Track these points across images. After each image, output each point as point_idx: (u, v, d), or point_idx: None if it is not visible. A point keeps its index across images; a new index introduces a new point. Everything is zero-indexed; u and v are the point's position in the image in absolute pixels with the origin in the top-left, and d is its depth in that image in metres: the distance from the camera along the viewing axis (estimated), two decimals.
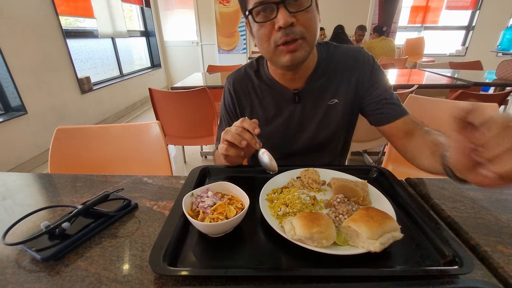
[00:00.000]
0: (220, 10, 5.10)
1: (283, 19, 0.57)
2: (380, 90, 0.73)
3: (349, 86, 0.74)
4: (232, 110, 0.82)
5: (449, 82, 2.21)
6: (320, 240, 0.42)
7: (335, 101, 0.75)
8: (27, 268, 0.42)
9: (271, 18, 0.59)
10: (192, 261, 0.43)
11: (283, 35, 0.59)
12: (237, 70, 0.83)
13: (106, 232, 0.50)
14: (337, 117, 0.76)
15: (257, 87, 0.79)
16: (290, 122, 0.78)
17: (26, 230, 0.51)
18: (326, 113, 0.76)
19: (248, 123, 0.57)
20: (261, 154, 0.59)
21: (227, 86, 0.82)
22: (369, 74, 0.73)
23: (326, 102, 0.75)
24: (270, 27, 0.60)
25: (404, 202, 0.55)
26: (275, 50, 0.63)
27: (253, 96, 0.79)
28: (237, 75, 0.81)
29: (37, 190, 0.66)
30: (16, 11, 2.37)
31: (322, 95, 0.75)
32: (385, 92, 0.73)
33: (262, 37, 0.63)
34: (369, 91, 0.74)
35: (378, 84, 0.73)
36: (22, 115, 2.40)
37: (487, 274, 0.41)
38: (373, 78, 0.73)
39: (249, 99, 0.80)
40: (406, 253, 0.44)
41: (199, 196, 0.52)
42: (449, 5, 5.27)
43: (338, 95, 0.75)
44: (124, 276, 0.41)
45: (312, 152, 0.81)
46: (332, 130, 0.77)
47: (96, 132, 0.99)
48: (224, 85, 0.84)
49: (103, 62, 3.94)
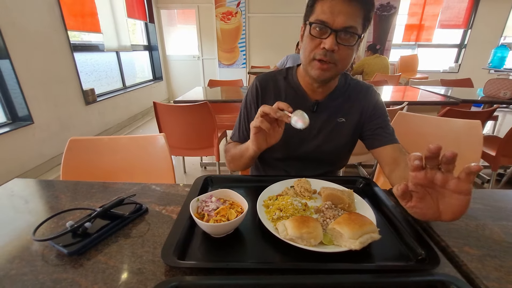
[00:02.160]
0: (221, 27, 5.31)
1: (330, 44, 0.69)
2: (378, 120, 0.86)
3: (356, 112, 0.87)
4: (255, 104, 0.90)
5: (439, 99, 2.31)
6: (309, 240, 0.49)
7: (343, 120, 0.87)
8: (54, 262, 0.49)
9: (322, 37, 0.70)
10: (198, 256, 0.49)
11: (322, 54, 0.71)
12: (266, 73, 0.93)
13: (121, 232, 0.57)
14: (342, 135, 0.87)
15: (283, 89, 0.89)
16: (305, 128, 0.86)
17: (49, 229, 0.58)
18: (334, 128, 0.87)
19: (283, 103, 0.65)
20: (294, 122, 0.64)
21: (255, 82, 0.91)
22: (372, 106, 0.87)
23: (336, 119, 0.87)
24: (317, 43, 0.72)
25: (385, 209, 0.63)
26: (311, 61, 0.75)
27: (277, 96, 0.89)
28: (266, 76, 0.92)
29: (56, 195, 0.72)
30: (28, 25, 2.50)
31: (334, 112, 0.87)
32: (382, 122, 0.85)
33: (307, 46, 0.74)
34: (369, 119, 0.86)
35: (378, 115, 0.86)
36: (29, 124, 2.48)
37: (453, 270, 0.48)
38: (375, 110, 0.87)
39: (273, 97, 0.89)
40: (384, 252, 0.51)
41: (204, 201, 0.59)
42: (442, 24, 5.51)
43: (346, 116, 0.87)
44: (139, 268, 0.47)
45: (314, 160, 0.89)
46: (336, 145, 0.88)
47: (106, 143, 1.07)
48: (251, 82, 0.93)
49: (107, 75, 4.07)
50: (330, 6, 0.68)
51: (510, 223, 0.61)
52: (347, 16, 0.67)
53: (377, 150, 0.84)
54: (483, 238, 0.55)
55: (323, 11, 0.68)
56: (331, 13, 0.67)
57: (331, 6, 0.68)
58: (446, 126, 1.24)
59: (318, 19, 0.69)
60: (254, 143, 0.70)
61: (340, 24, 0.67)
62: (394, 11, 5.17)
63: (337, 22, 0.67)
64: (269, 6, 5.18)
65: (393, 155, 0.80)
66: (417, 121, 1.30)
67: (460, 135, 1.20)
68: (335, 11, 0.67)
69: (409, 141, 1.14)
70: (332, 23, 0.68)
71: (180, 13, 5.59)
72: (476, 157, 1.15)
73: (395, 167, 0.76)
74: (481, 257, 0.50)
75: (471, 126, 1.17)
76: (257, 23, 5.33)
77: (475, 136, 1.16)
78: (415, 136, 1.26)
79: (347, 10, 0.67)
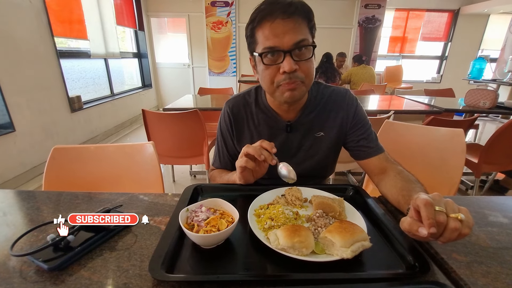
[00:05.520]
0: (212, 36, 5.35)
1: (288, 66, 0.66)
2: (361, 131, 0.84)
3: (334, 123, 0.84)
4: (230, 131, 0.89)
5: (423, 108, 2.40)
6: (301, 249, 0.48)
7: (321, 134, 0.85)
8: (32, 278, 0.46)
9: (278, 63, 0.68)
10: (188, 269, 0.48)
11: (286, 78, 0.69)
12: (236, 96, 0.91)
13: (106, 245, 0.54)
14: (322, 148, 0.86)
15: (254, 113, 0.87)
16: (281, 149, 0.84)
17: (28, 243, 0.55)
18: (313, 144, 0.85)
19: (267, 143, 0.65)
20: (280, 168, 0.68)
21: (226, 109, 0.89)
22: (352, 114, 0.84)
23: (314, 135, 0.85)
24: (275, 70, 0.69)
25: (375, 217, 0.63)
26: (277, 89, 0.72)
27: (249, 121, 0.87)
28: (236, 100, 0.89)
29: (37, 206, 0.69)
30: (13, 31, 2.44)
31: (311, 128, 0.85)
32: (365, 132, 0.84)
33: (266, 77, 0.71)
34: (352, 129, 0.85)
35: (359, 125, 0.84)
36: (9, 132, 2.38)
37: (442, 277, 0.48)
38: (356, 118, 0.84)
39: (246, 123, 0.88)
40: (375, 260, 0.51)
41: (194, 211, 0.58)
42: (424, 37, 5.78)
43: (324, 129, 0.85)
44: (125, 283, 0.45)
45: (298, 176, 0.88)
46: (317, 160, 0.86)
47: (92, 151, 1.03)
48: (222, 108, 0.91)
49: (94, 82, 4.00)
50: (272, 29, 0.65)
51: (495, 229, 0.62)
52: (292, 32, 0.65)
53: (363, 162, 0.84)
54: (469, 245, 0.56)
55: (267, 37, 0.66)
56: (276, 36, 0.65)
57: (272, 29, 0.65)
58: (431, 134, 1.27)
59: (266, 46, 0.67)
60: (242, 180, 0.71)
61: (290, 42, 0.65)
62: (379, 23, 5.38)
63: (286, 42, 0.65)
64: None
65: (380, 166, 0.80)
66: (404, 129, 1.34)
67: (444, 143, 1.23)
68: (279, 33, 0.65)
69: (396, 149, 1.17)
70: (281, 44, 0.65)
71: (170, 21, 5.61)
72: (459, 164, 1.18)
73: (383, 176, 0.77)
74: (469, 264, 0.51)
75: (454, 135, 1.21)
76: None
77: (458, 144, 1.19)
78: (401, 144, 1.30)
79: (290, 26, 0.65)
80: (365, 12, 5.31)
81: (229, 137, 0.90)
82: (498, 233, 0.60)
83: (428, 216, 0.44)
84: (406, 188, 0.66)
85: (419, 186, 0.65)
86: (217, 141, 0.94)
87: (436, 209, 0.45)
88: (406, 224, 0.49)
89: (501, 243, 0.57)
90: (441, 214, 0.45)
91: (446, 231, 0.45)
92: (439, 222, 0.44)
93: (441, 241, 0.46)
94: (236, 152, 0.90)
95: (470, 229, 0.45)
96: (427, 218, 0.44)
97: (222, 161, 0.94)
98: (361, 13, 5.31)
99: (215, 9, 5.18)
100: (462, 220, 0.45)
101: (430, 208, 0.45)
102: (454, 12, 5.56)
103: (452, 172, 1.20)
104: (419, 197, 0.47)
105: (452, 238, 0.45)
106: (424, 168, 1.22)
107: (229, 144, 0.91)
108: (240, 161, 0.67)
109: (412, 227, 0.47)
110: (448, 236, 0.45)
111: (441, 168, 1.22)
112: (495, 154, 1.83)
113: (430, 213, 0.45)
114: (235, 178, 0.76)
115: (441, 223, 0.44)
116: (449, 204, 0.47)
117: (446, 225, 0.45)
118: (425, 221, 0.44)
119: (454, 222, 0.45)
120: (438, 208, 0.46)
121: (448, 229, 0.45)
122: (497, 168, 2.04)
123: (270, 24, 0.65)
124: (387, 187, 0.73)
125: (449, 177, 1.20)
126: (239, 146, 0.89)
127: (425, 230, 0.44)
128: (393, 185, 0.70)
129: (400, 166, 0.77)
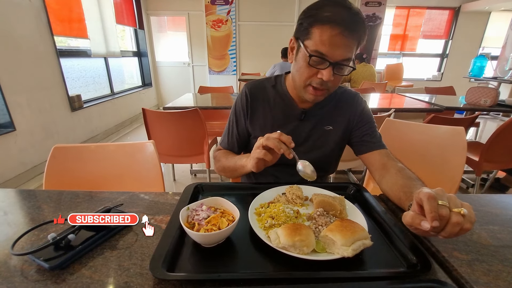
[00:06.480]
0: (212, 34, 5.33)
1: (327, 77, 0.70)
2: (365, 127, 0.88)
3: (343, 119, 0.89)
4: (244, 110, 0.90)
5: (424, 106, 2.39)
6: (302, 248, 0.48)
7: (330, 128, 0.88)
8: (33, 277, 0.46)
9: (319, 67, 0.71)
10: (189, 268, 0.48)
11: (319, 83, 0.73)
12: (255, 80, 0.94)
13: (107, 243, 0.54)
14: (329, 142, 0.89)
15: (271, 97, 0.90)
16: (292, 135, 0.86)
17: (29, 243, 0.55)
18: (321, 136, 0.88)
19: (285, 137, 0.65)
20: (299, 165, 0.67)
21: (245, 90, 0.91)
22: (359, 113, 0.89)
23: (323, 127, 0.88)
24: (314, 71, 0.72)
25: (376, 215, 0.63)
26: (305, 86, 0.76)
27: (265, 103, 0.90)
28: (255, 83, 0.93)
29: (37, 206, 0.69)
30: (12, 30, 2.43)
31: (321, 120, 0.88)
32: (369, 129, 0.87)
33: (303, 72, 0.74)
34: (357, 126, 0.88)
35: (364, 122, 0.88)
36: (10, 132, 2.38)
37: (444, 276, 0.48)
38: (362, 117, 0.89)
39: (262, 105, 0.90)
40: (376, 258, 0.51)
41: (194, 210, 0.58)
42: (424, 35, 5.75)
43: (333, 124, 0.88)
44: (126, 282, 0.45)
45: None
46: (323, 152, 0.89)
47: (92, 150, 1.03)
48: (241, 89, 0.94)
49: (94, 81, 3.99)
50: (330, 38, 0.66)
51: (496, 227, 0.62)
52: (344, 49, 0.68)
53: (365, 156, 0.86)
54: (471, 243, 0.56)
55: (323, 42, 0.67)
56: (330, 46, 0.67)
57: (330, 38, 0.66)
58: (432, 132, 1.27)
59: (318, 50, 0.68)
60: (255, 168, 0.71)
61: (339, 57, 0.68)
62: (379, 21, 5.35)
63: (336, 55, 0.68)
64: (259, 15, 5.26)
65: (382, 161, 0.81)
66: (405, 127, 1.33)
67: (445, 141, 1.23)
68: (334, 44, 0.67)
69: (397, 147, 1.16)
70: (331, 56, 0.68)
71: (170, 20, 5.59)
72: (460, 162, 1.18)
73: (385, 173, 0.77)
74: (470, 262, 0.51)
75: (455, 133, 1.21)
76: (247, 31, 5.39)
77: (459, 142, 1.19)
78: (402, 143, 1.29)
79: (345, 43, 0.67)
80: (365, 9, 5.29)
81: (243, 116, 0.91)
82: (500, 231, 0.60)
83: (431, 210, 0.44)
84: (407, 185, 0.66)
85: (420, 184, 0.66)
86: (228, 120, 0.96)
87: (439, 203, 0.45)
88: (409, 218, 0.49)
89: (503, 241, 0.57)
90: (444, 208, 0.45)
91: (448, 225, 0.45)
92: (442, 216, 0.44)
93: (443, 235, 0.46)
94: (246, 133, 0.92)
95: (472, 224, 0.45)
96: (430, 211, 0.44)
97: (230, 141, 0.95)
98: (362, 10, 5.23)
99: (215, 7, 5.16)
100: (465, 215, 0.45)
101: (433, 202, 0.45)
102: (455, 10, 5.53)
103: (453, 170, 1.20)
104: (422, 191, 0.47)
105: (454, 233, 0.45)
106: (425, 166, 1.22)
107: (240, 123, 0.92)
108: (258, 152, 0.67)
109: (415, 220, 0.47)
110: (449, 231, 0.45)
111: (442, 166, 1.22)
112: (496, 152, 1.83)
113: (433, 206, 0.45)
114: (243, 163, 0.76)
115: (444, 217, 0.45)
116: (452, 199, 0.47)
117: (449, 219, 0.45)
118: (428, 215, 0.44)
119: (456, 216, 0.45)
120: (441, 202, 0.46)
121: (450, 223, 0.45)
122: (498, 166, 2.04)
123: (331, 31, 0.66)
124: (388, 184, 0.73)
125: (450, 175, 1.20)
126: (251, 126, 0.91)
127: (427, 224, 0.44)
128: (395, 182, 0.71)
129: (401, 164, 0.77)
